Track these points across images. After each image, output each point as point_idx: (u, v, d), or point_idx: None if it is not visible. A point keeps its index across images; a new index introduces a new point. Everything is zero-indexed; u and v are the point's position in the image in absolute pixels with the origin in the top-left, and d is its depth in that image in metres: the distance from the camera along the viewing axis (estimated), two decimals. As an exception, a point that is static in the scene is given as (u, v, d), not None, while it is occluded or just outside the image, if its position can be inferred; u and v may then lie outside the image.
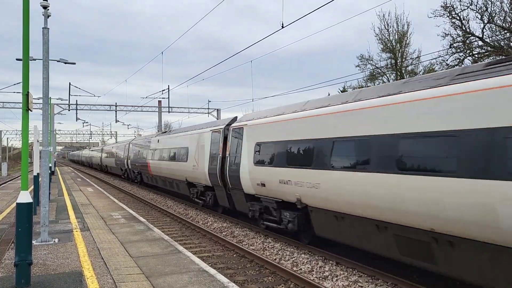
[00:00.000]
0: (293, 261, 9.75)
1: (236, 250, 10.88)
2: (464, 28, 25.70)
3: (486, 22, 24.60)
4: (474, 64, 8.50)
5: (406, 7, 72.24)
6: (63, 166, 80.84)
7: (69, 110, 43.47)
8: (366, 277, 8.47)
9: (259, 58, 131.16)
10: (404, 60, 32.37)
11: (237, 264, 9.76)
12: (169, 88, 41.17)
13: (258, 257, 9.85)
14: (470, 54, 25.90)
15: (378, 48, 35.79)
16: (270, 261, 9.40)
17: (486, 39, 25.02)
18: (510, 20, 24.22)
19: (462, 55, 26.12)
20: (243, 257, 10.30)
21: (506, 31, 24.30)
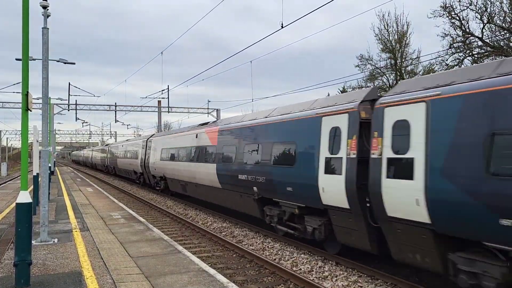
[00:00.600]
0: (292, 261, 9.75)
1: (235, 250, 10.88)
2: (463, 28, 25.74)
3: (485, 22, 24.64)
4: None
5: (405, 7, 72.23)
6: (63, 166, 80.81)
7: (68, 110, 43.44)
8: (365, 277, 8.48)
9: (259, 58, 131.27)
10: (403, 60, 32.40)
11: (236, 264, 9.77)
12: (168, 88, 41.22)
13: (258, 257, 9.85)
14: (470, 54, 25.93)
15: (378, 48, 35.85)
16: (270, 261, 9.41)
17: (485, 39, 25.05)
18: (509, 20, 24.25)
19: (462, 56, 26.16)
20: (243, 257, 10.31)
21: (505, 31, 24.32)
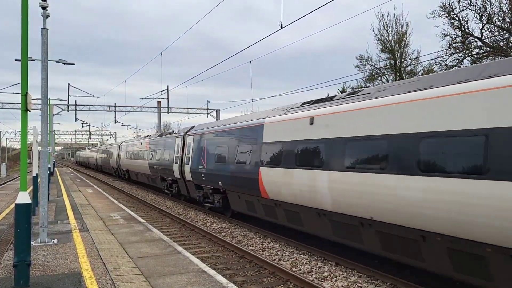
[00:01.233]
0: (292, 262, 9.75)
1: (235, 251, 10.88)
2: (463, 28, 25.76)
3: (485, 22, 24.66)
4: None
5: (405, 8, 72.29)
6: (63, 167, 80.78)
7: (68, 110, 43.45)
8: (365, 277, 8.48)
9: (258, 58, 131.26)
10: (403, 60, 32.41)
11: (236, 264, 9.76)
12: (168, 88, 41.21)
13: (258, 257, 9.85)
14: (469, 54, 25.95)
15: (377, 48, 35.88)
16: (270, 262, 9.40)
17: (485, 40, 25.06)
18: (509, 20, 24.27)
19: (461, 56, 26.18)
20: (243, 257, 10.30)
21: (505, 32, 24.34)
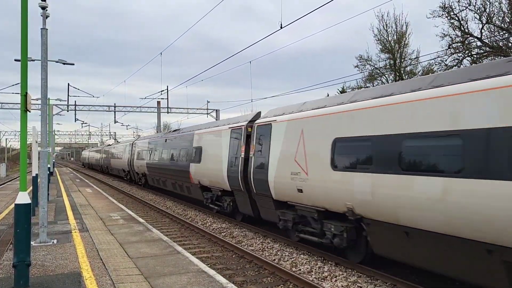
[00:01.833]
0: (292, 262, 9.75)
1: (235, 251, 10.87)
2: (462, 28, 25.77)
3: (484, 22, 24.67)
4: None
5: (404, 8, 72.26)
6: (62, 167, 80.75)
7: (67, 111, 43.44)
8: (365, 277, 8.48)
9: (258, 58, 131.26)
10: (403, 60, 32.41)
11: (236, 264, 9.76)
12: (168, 89, 41.20)
13: (257, 257, 9.84)
14: (469, 54, 25.96)
15: (377, 48, 35.89)
16: (269, 262, 9.40)
17: (484, 40, 25.07)
18: (508, 20, 24.28)
19: (461, 56, 26.19)
20: (242, 257, 10.30)
21: (504, 32, 24.35)
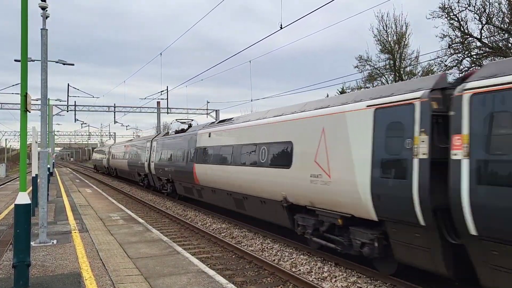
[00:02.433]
0: (292, 262, 9.74)
1: (235, 251, 10.87)
2: (462, 29, 25.77)
3: (484, 23, 24.67)
4: None
5: (404, 8, 72.27)
6: (62, 167, 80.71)
7: (67, 111, 43.44)
8: (365, 278, 8.47)
9: (258, 58, 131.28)
10: (402, 61, 32.42)
11: (236, 265, 9.76)
12: (167, 89, 41.20)
13: (257, 258, 9.84)
14: (469, 55, 25.96)
15: (377, 49, 35.87)
16: (269, 262, 9.40)
17: (484, 40, 25.08)
18: (508, 21, 24.28)
19: (461, 56, 26.19)
20: (242, 258, 10.30)
21: (504, 32, 24.35)
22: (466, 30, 25.72)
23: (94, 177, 46.45)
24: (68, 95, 38.43)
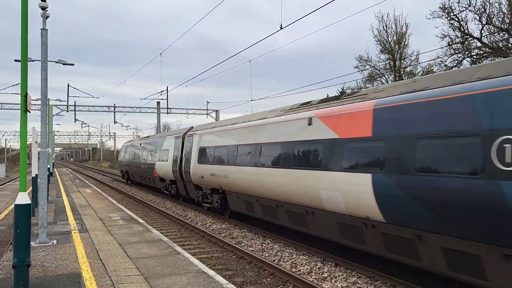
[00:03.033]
0: (292, 262, 9.74)
1: (235, 251, 10.87)
2: (462, 29, 25.77)
3: (484, 23, 24.68)
4: None
5: (404, 8, 72.36)
6: (62, 168, 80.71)
7: (67, 111, 43.50)
8: (365, 278, 8.47)
9: (257, 58, 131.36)
10: (402, 61, 32.41)
11: (236, 265, 9.76)
12: (167, 89, 41.23)
13: (257, 258, 9.84)
14: (469, 55, 25.97)
15: (377, 49, 35.92)
16: (269, 262, 9.40)
17: (484, 41, 25.08)
18: (508, 21, 24.28)
19: (461, 56, 26.20)
20: (242, 258, 10.30)
21: (504, 32, 24.36)
22: (466, 31, 25.74)
23: (94, 177, 46.46)
24: (68, 95, 38.57)
